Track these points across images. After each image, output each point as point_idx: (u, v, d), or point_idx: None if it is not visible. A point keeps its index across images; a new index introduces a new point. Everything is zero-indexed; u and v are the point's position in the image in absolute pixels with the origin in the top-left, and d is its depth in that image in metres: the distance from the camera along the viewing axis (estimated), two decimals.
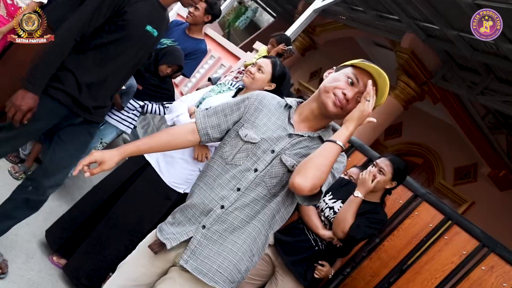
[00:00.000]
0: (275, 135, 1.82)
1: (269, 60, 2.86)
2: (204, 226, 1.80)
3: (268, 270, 3.03)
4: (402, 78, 7.18)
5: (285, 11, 12.27)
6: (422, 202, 3.29)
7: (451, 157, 8.93)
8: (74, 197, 3.95)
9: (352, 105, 1.78)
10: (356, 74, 1.80)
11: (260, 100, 1.90)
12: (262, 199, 1.80)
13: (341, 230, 2.77)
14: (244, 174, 1.80)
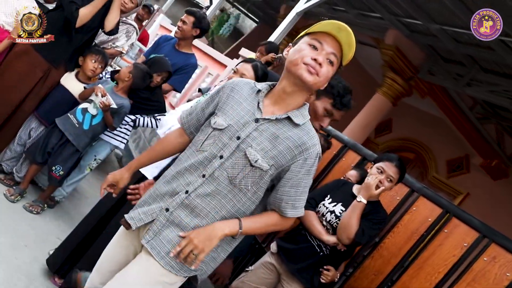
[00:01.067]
0: (242, 121, 1.80)
1: (249, 65, 2.85)
2: (168, 209, 1.81)
3: (273, 278, 3.02)
4: (388, 75, 7.23)
5: (267, 15, 12.32)
6: (419, 197, 3.30)
7: (443, 150, 8.99)
8: (71, 216, 3.93)
9: (325, 67, 1.74)
10: (316, 39, 1.75)
11: (232, 87, 1.91)
12: (224, 189, 1.78)
13: (347, 236, 2.76)
14: (210, 161, 1.80)
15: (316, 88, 1.80)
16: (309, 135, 1.81)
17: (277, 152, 1.77)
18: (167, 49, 4.39)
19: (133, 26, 4.22)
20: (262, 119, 1.80)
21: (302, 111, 1.83)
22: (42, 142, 3.52)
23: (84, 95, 3.59)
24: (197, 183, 1.79)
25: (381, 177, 2.87)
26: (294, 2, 9.04)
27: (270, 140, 1.78)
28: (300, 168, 1.80)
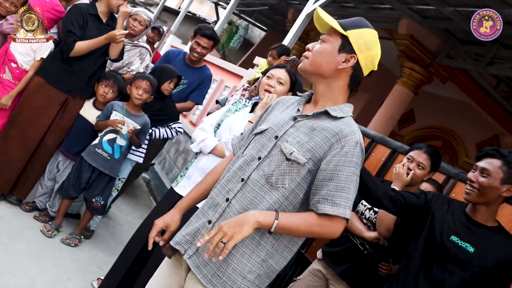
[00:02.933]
0: (281, 123, 1.79)
1: (284, 70, 2.83)
2: (210, 221, 1.74)
3: (323, 285, 2.96)
4: (406, 65, 7.12)
5: (275, 23, 12.32)
6: (457, 183, 3.21)
7: (470, 134, 8.80)
8: (109, 244, 3.94)
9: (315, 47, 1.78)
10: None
11: (278, 101, 1.96)
12: (261, 191, 1.69)
13: (385, 228, 2.69)
14: (249, 164, 1.75)
15: (317, 70, 1.75)
16: (348, 124, 1.71)
17: (314, 143, 1.68)
18: (179, 66, 4.39)
19: (145, 48, 4.24)
20: (299, 117, 1.78)
21: (342, 107, 1.77)
22: (74, 178, 3.54)
23: (99, 127, 3.60)
24: (236, 188, 1.74)
25: (410, 165, 2.81)
26: (301, 5, 9.02)
27: (306, 134, 1.72)
28: (337, 157, 1.65)
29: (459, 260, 2.16)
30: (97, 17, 3.54)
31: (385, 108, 7.23)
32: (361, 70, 1.76)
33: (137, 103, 3.55)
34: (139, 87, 3.52)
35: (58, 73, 3.52)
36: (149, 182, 6.65)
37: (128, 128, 3.48)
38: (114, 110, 3.55)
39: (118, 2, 3.48)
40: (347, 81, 1.77)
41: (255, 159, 1.76)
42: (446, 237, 2.22)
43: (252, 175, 1.73)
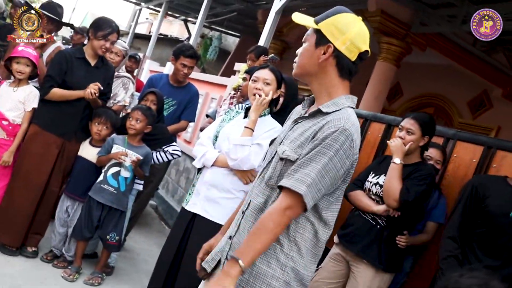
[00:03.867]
0: (286, 129, 1.83)
1: (267, 70, 2.85)
2: (231, 237, 1.79)
3: (344, 269, 2.99)
4: (383, 40, 7.17)
5: (247, 27, 12.37)
6: (456, 143, 3.25)
7: (459, 94, 8.86)
8: (131, 276, 3.95)
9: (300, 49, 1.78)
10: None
11: (290, 115, 1.96)
12: (263, 195, 1.73)
13: (393, 199, 2.74)
14: (261, 175, 1.81)
15: (305, 70, 1.76)
16: (337, 116, 1.65)
17: (304, 138, 1.67)
18: (164, 89, 4.41)
19: (127, 77, 4.27)
20: (299, 118, 1.79)
21: (336, 101, 1.71)
22: (85, 219, 3.55)
23: (102, 163, 3.61)
24: (248, 200, 1.79)
25: (400, 133, 2.89)
26: (269, 4, 9.07)
27: (301, 133, 1.71)
28: (318, 144, 1.60)
29: None
30: (84, 60, 3.60)
31: (371, 86, 7.28)
32: (345, 56, 1.69)
33: (132, 133, 3.59)
34: (131, 118, 3.58)
35: (50, 118, 3.56)
36: (156, 208, 6.65)
37: (131, 159, 3.51)
38: (115, 144, 3.59)
39: (99, 44, 3.54)
40: (336, 73, 1.72)
41: (263, 169, 1.82)
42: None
43: (256, 183, 1.80)
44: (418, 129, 2.87)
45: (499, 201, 2.45)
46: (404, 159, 2.86)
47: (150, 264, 3.11)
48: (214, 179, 2.79)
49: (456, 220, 2.60)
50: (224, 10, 11.20)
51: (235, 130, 2.82)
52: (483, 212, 2.49)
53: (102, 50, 3.59)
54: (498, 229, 2.42)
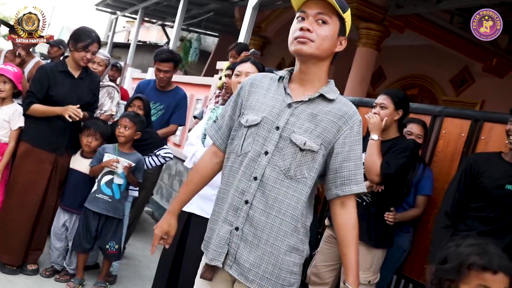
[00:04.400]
0: (275, 111, 1.74)
1: (249, 63, 2.85)
2: (237, 228, 1.72)
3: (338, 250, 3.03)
4: (361, 26, 7.22)
5: (225, 26, 12.37)
6: (444, 119, 3.30)
7: (441, 72, 8.95)
8: (135, 283, 3.95)
9: (319, 29, 1.68)
10: (300, 10, 1.72)
11: (251, 82, 1.86)
12: (282, 186, 1.70)
13: (374, 174, 2.80)
14: (256, 160, 1.72)
15: (322, 54, 1.73)
16: (347, 105, 1.76)
17: (322, 129, 1.70)
18: (152, 94, 4.42)
19: (112, 86, 4.25)
20: (294, 103, 1.75)
21: (331, 87, 1.78)
22: (83, 230, 3.53)
23: (95, 172, 3.60)
24: (252, 189, 1.71)
25: (375, 110, 2.98)
26: (245, 1, 9.08)
27: (310, 121, 1.71)
28: (349, 138, 1.73)
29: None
30: (68, 73, 3.57)
31: (354, 72, 7.32)
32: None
33: (122, 141, 3.58)
34: (120, 126, 3.58)
35: (40, 134, 3.53)
36: (153, 214, 6.65)
37: (123, 166, 3.51)
38: (106, 153, 3.57)
39: (80, 55, 3.51)
40: (331, 59, 1.80)
41: (261, 154, 1.72)
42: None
43: (266, 172, 1.71)
44: (390, 103, 2.94)
45: (494, 175, 2.54)
46: (382, 135, 2.92)
47: (152, 270, 3.11)
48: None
49: (451, 197, 2.68)
50: (200, 11, 11.18)
51: None
52: (479, 187, 2.57)
53: (84, 61, 3.55)
54: (494, 202, 2.50)
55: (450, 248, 1.57)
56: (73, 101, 3.50)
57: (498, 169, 2.54)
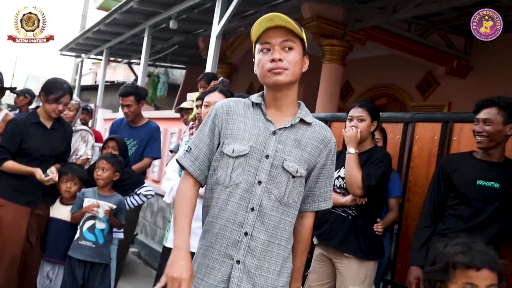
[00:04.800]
0: (260, 139, 1.75)
1: (217, 92, 2.88)
2: (239, 261, 1.71)
3: (330, 267, 3.05)
4: (323, 43, 7.37)
5: (190, 57, 12.44)
6: (415, 124, 3.38)
7: (407, 79, 9.16)
8: None
9: (288, 56, 1.73)
10: (263, 41, 1.75)
11: (226, 110, 1.83)
12: (277, 213, 1.74)
13: (356, 187, 2.85)
14: (251, 191, 1.72)
15: (296, 79, 1.79)
16: (324, 128, 1.88)
17: (307, 154, 1.79)
18: (125, 131, 4.44)
19: (85, 129, 4.23)
20: (278, 130, 1.78)
21: (306, 110, 1.87)
22: (70, 280, 3.45)
23: (76, 219, 3.55)
24: (251, 220, 1.72)
25: (352, 123, 3.00)
26: (207, 31, 9.18)
27: (296, 147, 1.78)
28: (327, 160, 1.86)
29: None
30: (40, 124, 3.51)
31: (323, 89, 7.44)
32: None
33: (100, 184, 3.54)
34: (97, 169, 3.55)
35: (14, 189, 3.45)
36: (139, 254, 6.55)
37: (104, 210, 3.46)
38: (86, 197, 3.53)
39: (52, 107, 3.47)
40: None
41: (255, 185, 1.73)
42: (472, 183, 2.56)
43: (263, 201, 1.72)
44: (367, 115, 3.01)
45: (465, 172, 2.62)
46: (359, 148, 2.98)
47: None
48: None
49: (429, 199, 2.77)
50: (165, 46, 11.25)
51: None
52: (452, 185, 2.66)
53: (56, 113, 3.51)
54: (468, 198, 2.57)
55: (438, 249, 1.60)
56: (46, 152, 3.47)
57: (469, 167, 2.63)
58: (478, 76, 8.14)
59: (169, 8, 8.13)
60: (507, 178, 2.51)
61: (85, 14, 17.98)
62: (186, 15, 8.44)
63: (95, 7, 16.44)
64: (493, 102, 2.55)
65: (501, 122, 2.51)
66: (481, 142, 2.56)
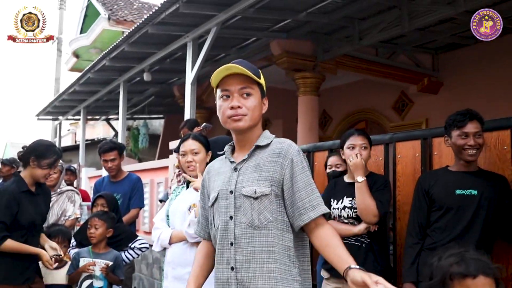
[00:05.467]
0: (226, 180, 1.89)
1: (191, 140, 2.91)
2: None
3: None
4: (296, 76, 7.53)
5: (167, 106, 12.56)
6: (396, 144, 3.45)
7: (382, 101, 9.36)
8: None
9: (247, 102, 1.83)
10: (222, 88, 1.86)
11: (207, 171, 2.05)
12: (253, 238, 1.79)
13: (372, 215, 2.86)
14: (227, 229, 1.82)
15: (256, 122, 1.89)
16: (281, 141, 1.91)
17: (266, 172, 1.82)
18: (108, 188, 4.51)
19: (71, 190, 4.23)
20: (238, 165, 1.89)
21: (265, 135, 1.93)
22: None
23: (73, 280, 3.50)
24: (232, 254, 1.80)
25: (356, 151, 3.02)
26: (181, 79, 9.33)
27: (254, 171, 1.84)
28: (294, 169, 1.82)
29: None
30: (29, 192, 3.28)
31: (301, 121, 7.56)
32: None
33: (94, 242, 3.52)
34: (90, 227, 3.53)
35: (7, 269, 3.18)
36: None
37: (100, 267, 3.43)
38: (81, 258, 3.49)
39: (43, 173, 3.27)
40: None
41: (228, 221, 1.83)
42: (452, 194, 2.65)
43: (236, 233, 1.80)
44: (368, 143, 3.07)
45: (443, 185, 2.72)
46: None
47: None
48: (175, 256, 2.79)
49: (412, 217, 2.85)
50: (141, 98, 11.37)
51: (180, 204, 2.87)
52: (432, 200, 2.75)
53: (46, 179, 3.38)
54: (449, 208, 2.66)
55: (433, 264, 1.63)
56: (38, 222, 3.32)
57: (446, 179, 2.74)
58: (449, 91, 8.38)
59: (141, 62, 8.29)
60: (482, 184, 2.62)
61: (58, 77, 18.09)
62: (158, 66, 8.60)
63: (67, 69, 16.59)
64: (473, 115, 2.66)
65: (482, 134, 2.66)
66: (474, 154, 2.64)
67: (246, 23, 6.75)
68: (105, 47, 11.34)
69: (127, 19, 13.68)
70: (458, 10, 5.56)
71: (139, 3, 16.06)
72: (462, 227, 2.59)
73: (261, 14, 6.21)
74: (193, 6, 5.85)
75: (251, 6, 5.76)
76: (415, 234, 2.77)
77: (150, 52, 7.83)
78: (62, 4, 16.10)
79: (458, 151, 2.70)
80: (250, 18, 6.40)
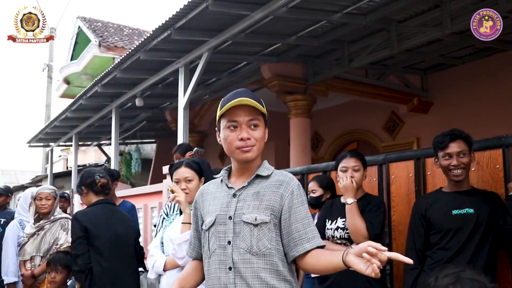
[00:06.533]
0: (224, 205, 1.91)
1: (183, 167, 2.94)
2: None
3: None
4: (287, 99, 7.60)
5: (159, 130, 12.57)
6: (389, 165, 3.49)
7: (374, 122, 9.44)
8: None
9: (255, 133, 1.88)
10: (230, 119, 1.89)
11: (201, 193, 2.07)
12: (251, 264, 1.82)
13: (362, 236, 2.86)
14: (225, 253, 1.85)
15: (261, 152, 1.93)
16: (282, 174, 1.96)
17: (267, 201, 1.86)
18: None
19: (64, 217, 4.19)
20: (237, 191, 1.91)
21: (265, 166, 1.97)
22: None
23: None
24: (231, 279, 1.82)
25: (348, 173, 3.05)
26: (173, 104, 9.36)
27: (255, 199, 1.87)
28: (292, 201, 1.87)
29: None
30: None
31: (294, 143, 7.60)
32: None
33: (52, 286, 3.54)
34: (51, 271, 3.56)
35: None
36: None
37: None
38: None
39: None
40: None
41: (226, 246, 1.85)
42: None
43: (234, 258, 1.83)
44: (361, 165, 3.10)
45: (439, 207, 2.77)
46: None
47: None
48: (170, 282, 2.78)
49: (409, 242, 2.89)
50: (133, 123, 11.38)
51: (174, 229, 2.88)
52: (429, 222, 2.78)
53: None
54: (448, 229, 2.70)
55: (430, 284, 1.63)
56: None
57: (442, 201, 2.79)
58: (439, 110, 8.48)
59: (133, 87, 8.32)
60: (478, 203, 2.67)
61: (49, 104, 18.10)
62: (150, 91, 8.64)
63: (58, 95, 16.59)
64: (457, 135, 2.71)
65: (468, 153, 2.70)
66: (460, 174, 2.70)
67: (237, 47, 6.84)
68: (96, 73, 11.40)
69: (118, 45, 13.78)
70: (445, 32, 5.67)
71: (129, 29, 16.20)
72: (463, 246, 2.63)
73: (252, 38, 6.30)
74: (184, 32, 5.92)
75: (242, 31, 5.86)
76: (416, 257, 2.78)
77: (142, 78, 7.88)
78: (53, 32, 16.17)
79: (445, 172, 2.78)
80: (241, 43, 6.50)
